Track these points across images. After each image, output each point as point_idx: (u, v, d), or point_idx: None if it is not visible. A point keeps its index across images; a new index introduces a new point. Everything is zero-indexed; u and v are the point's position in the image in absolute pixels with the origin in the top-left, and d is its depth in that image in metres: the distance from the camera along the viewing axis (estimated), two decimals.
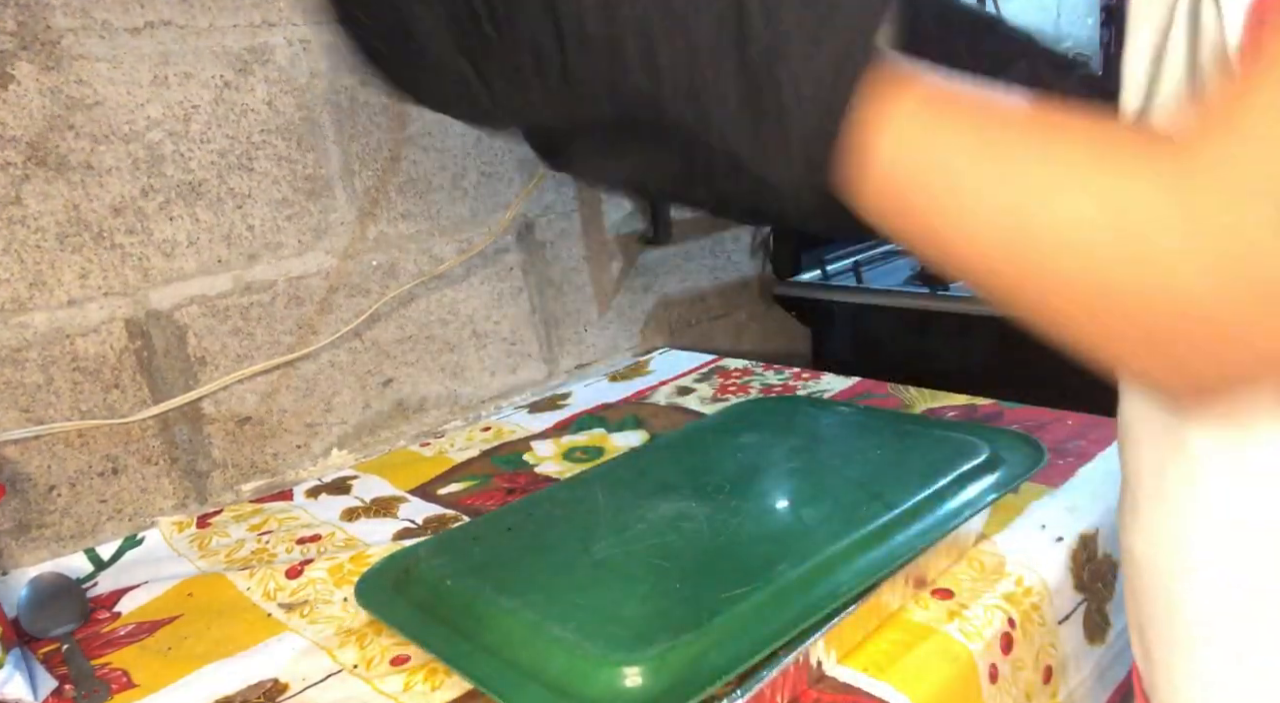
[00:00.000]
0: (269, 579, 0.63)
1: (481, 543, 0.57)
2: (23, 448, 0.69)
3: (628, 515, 0.57)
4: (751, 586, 0.47)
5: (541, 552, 0.56)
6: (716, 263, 1.18)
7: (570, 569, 0.52)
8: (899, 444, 0.63)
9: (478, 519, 0.64)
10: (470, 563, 0.54)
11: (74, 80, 0.68)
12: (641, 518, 0.57)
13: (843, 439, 0.67)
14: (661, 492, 0.60)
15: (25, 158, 0.67)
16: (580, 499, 0.62)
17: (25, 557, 0.70)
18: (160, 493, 0.76)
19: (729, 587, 0.47)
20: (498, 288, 0.96)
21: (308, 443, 0.84)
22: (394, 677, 0.51)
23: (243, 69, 0.76)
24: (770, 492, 0.60)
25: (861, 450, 0.63)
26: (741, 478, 0.61)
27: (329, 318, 0.83)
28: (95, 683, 0.54)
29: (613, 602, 0.48)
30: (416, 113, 0.87)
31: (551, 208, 0.99)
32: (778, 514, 0.57)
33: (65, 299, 0.69)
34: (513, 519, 0.61)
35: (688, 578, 0.49)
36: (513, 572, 0.53)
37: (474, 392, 0.95)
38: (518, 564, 0.54)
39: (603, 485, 0.63)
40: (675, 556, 0.52)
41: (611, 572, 0.51)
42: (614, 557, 0.52)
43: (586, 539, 0.55)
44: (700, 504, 0.57)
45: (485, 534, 0.59)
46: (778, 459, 0.64)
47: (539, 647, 0.45)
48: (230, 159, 0.76)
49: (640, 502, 0.59)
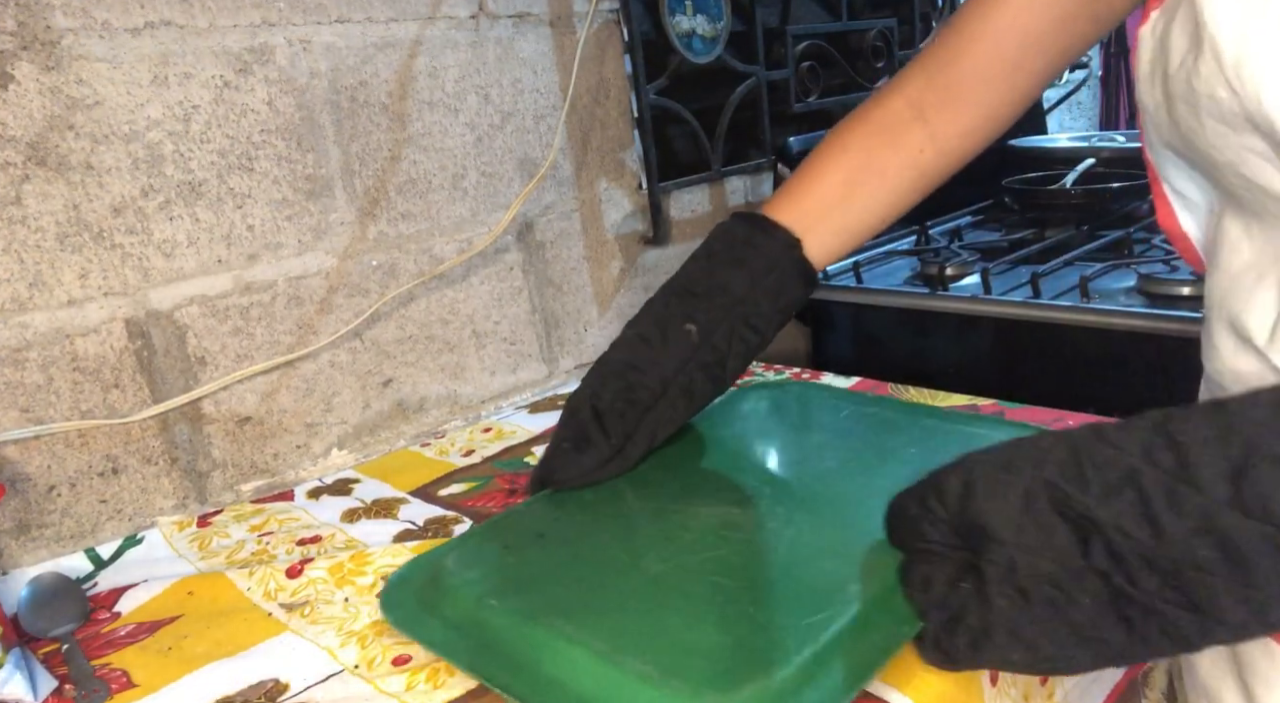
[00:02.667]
0: (269, 579, 0.63)
1: (514, 553, 0.54)
2: (23, 448, 0.69)
3: (669, 523, 0.54)
4: (830, 610, 0.44)
5: (585, 565, 0.51)
6: None
7: (625, 588, 0.48)
8: (929, 442, 0.60)
9: (498, 522, 0.59)
10: (509, 578, 0.51)
11: (74, 80, 0.68)
12: (684, 526, 0.53)
13: (868, 435, 0.64)
14: (695, 494, 0.57)
15: (25, 158, 0.67)
16: (608, 500, 0.58)
17: (25, 557, 0.70)
18: (160, 493, 0.76)
19: (805, 611, 0.44)
20: (498, 288, 0.96)
21: (308, 443, 0.84)
22: (395, 677, 0.51)
23: (243, 69, 0.76)
24: (814, 496, 0.57)
25: (893, 449, 0.60)
26: (776, 481, 0.59)
27: (329, 318, 0.83)
28: (95, 683, 0.54)
29: (685, 628, 0.44)
30: (416, 113, 0.87)
31: (551, 208, 0.99)
32: (829, 523, 0.53)
33: (65, 299, 0.69)
34: (540, 524, 0.57)
35: (755, 600, 0.46)
36: (559, 590, 0.49)
37: (474, 392, 0.95)
38: (562, 580, 0.50)
39: (630, 486, 0.60)
40: (734, 573, 0.48)
41: (671, 591, 0.47)
42: (668, 572, 0.49)
43: (632, 551, 0.51)
44: (743, 511, 0.55)
45: (515, 543, 0.55)
46: (807, 458, 0.61)
47: (618, 683, 0.41)
48: (230, 159, 0.76)
49: (676, 506, 0.56)
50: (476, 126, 0.91)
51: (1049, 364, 0.91)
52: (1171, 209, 0.47)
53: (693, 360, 0.59)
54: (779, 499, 0.56)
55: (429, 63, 0.87)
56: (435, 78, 0.88)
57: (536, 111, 0.96)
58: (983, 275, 0.98)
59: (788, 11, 1.23)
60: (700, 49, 1.08)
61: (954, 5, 1.50)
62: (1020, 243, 1.13)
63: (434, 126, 0.88)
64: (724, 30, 1.10)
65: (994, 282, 0.98)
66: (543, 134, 0.97)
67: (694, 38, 1.07)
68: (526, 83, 0.95)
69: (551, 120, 0.97)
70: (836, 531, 0.52)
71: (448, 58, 0.88)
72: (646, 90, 1.03)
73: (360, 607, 0.58)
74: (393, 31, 0.84)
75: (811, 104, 1.24)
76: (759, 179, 1.22)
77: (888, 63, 1.34)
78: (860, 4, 1.36)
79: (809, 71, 1.24)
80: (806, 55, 1.23)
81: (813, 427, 0.66)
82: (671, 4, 1.04)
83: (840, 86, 1.30)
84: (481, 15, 0.90)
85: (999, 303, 0.95)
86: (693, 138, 1.12)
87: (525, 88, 0.95)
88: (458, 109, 0.90)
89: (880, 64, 1.33)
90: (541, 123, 0.96)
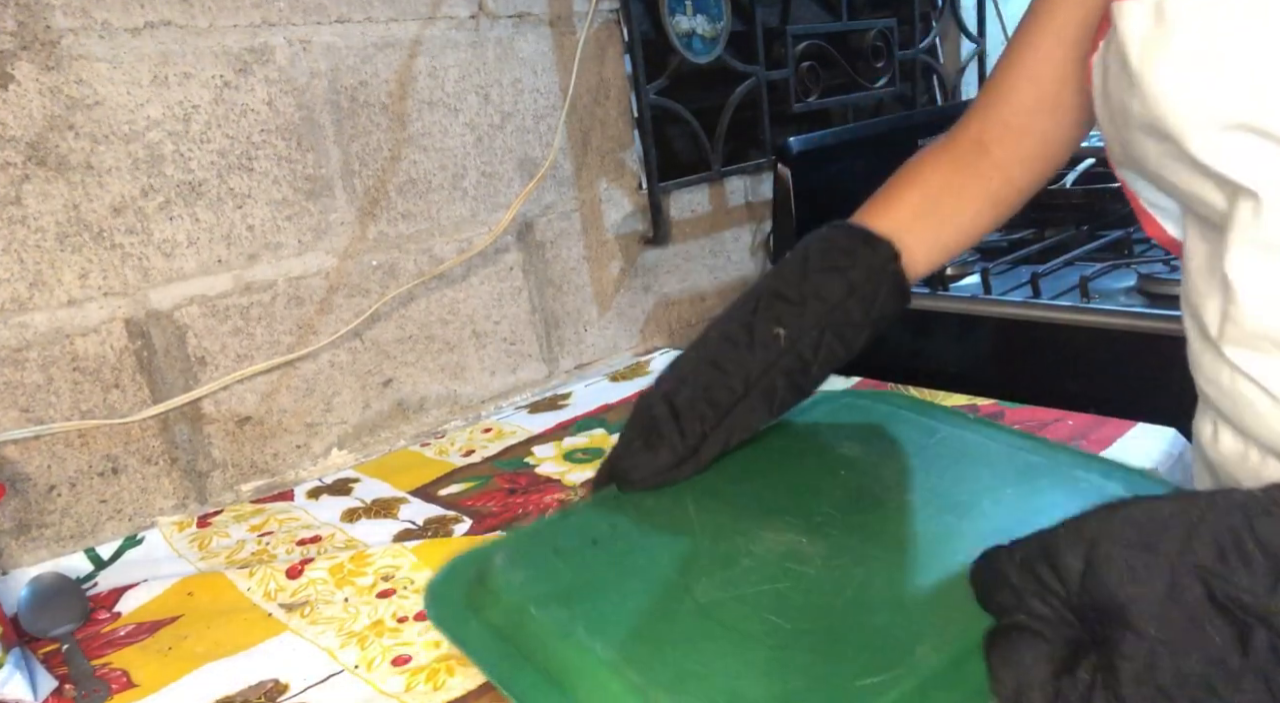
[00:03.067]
0: (269, 579, 0.63)
1: (564, 558, 0.51)
2: (23, 448, 0.69)
3: (729, 545, 0.50)
4: (892, 673, 0.39)
5: (634, 582, 0.48)
6: (716, 263, 1.19)
7: (673, 615, 0.45)
8: (1030, 484, 0.54)
9: (553, 521, 0.57)
10: (555, 587, 0.48)
11: (74, 80, 0.68)
12: (746, 551, 0.50)
13: (961, 466, 0.58)
14: (762, 515, 0.53)
15: (25, 158, 0.67)
16: (668, 510, 0.55)
17: (25, 557, 0.70)
18: (160, 493, 0.76)
19: (862, 669, 0.40)
20: (498, 288, 0.96)
21: (308, 443, 0.84)
22: (395, 677, 0.51)
23: (243, 69, 0.76)
24: (891, 534, 0.51)
25: (990, 488, 0.54)
26: (852, 509, 0.54)
27: (329, 318, 0.83)
28: (95, 683, 0.54)
29: (731, 672, 0.41)
30: (416, 113, 0.87)
31: (551, 208, 0.99)
32: (905, 567, 0.48)
33: (65, 299, 0.69)
34: (596, 529, 0.54)
35: (813, 648, 0.42)
36: (604, 607, 0.46)
37: (474, 392, 0.95)
38: (608, 596, 0.47)
39: (693, 496, 0.56)
40: (792, 613, 0.44)
41: (720, 625, 0.44)
42: (721, 603, 0.45)
43: (686, 572, 0.48)
44: (811, 541, 0.50)
45: (568, 546, 0.52)
46: (890, 487, 0.56)
47: None
48: (230, 159, 0.76)
49: (740, 526, 0.52)
50: (476, 126, 0.91)
51: (1049, 364, 0.91)
52: (1154, 219, 0.49)
53: (777, 365, 0.57)
54: (853, 531, 0.51)
55: (429, 63, 0.87)
56: (435, 78, 0.88)
57: (536, 111, 0.96)
58: (983, 275, 0.98)
59: (788, 11, 1.23)
60: (700, 49, 1.08)
61: (954, 5, 1.50)
62: (1020, 243, 1.13)
63: (434, 126, 0.88)
64: (724, 30, 1.10)
65: (994, 281, 0.98)
66: (543, 134, 0.97)
67: (694, 38, 1.07)
68: (526, 83, 0.95)
69: (551, 120, 0.97)
70: (912, 577, 0.48)
71: (448, 58, 0.88)
72: (646, 90, 1.03)
73: (360, 607, 0.58)
74: (393, 31, 0.84)
75: (811, 104, 1.24)
76: (759, 179, 1.22)
77: (888, 63, 1.34)
78: (860, 4, 1.36)
79: (809, 71, 1.24)
80: (806, 55, 1.23)
81: (901, 450, 0.62)
82: (671, 4, 1.04)
83: (840, 86, 1.30)
84: (481, 15, 0.90)
85: (999, 303, 0.95)
86: (693, 138, 1.12)
87: (525, 88, 0.95)
88: (458, 109, 0.90)
89: (880, 64, 1.33)
90: (541, 123, 0.96)
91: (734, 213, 1.20)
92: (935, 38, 1.46)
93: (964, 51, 1.55)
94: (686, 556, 0.50)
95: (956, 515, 0.52)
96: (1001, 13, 1.55)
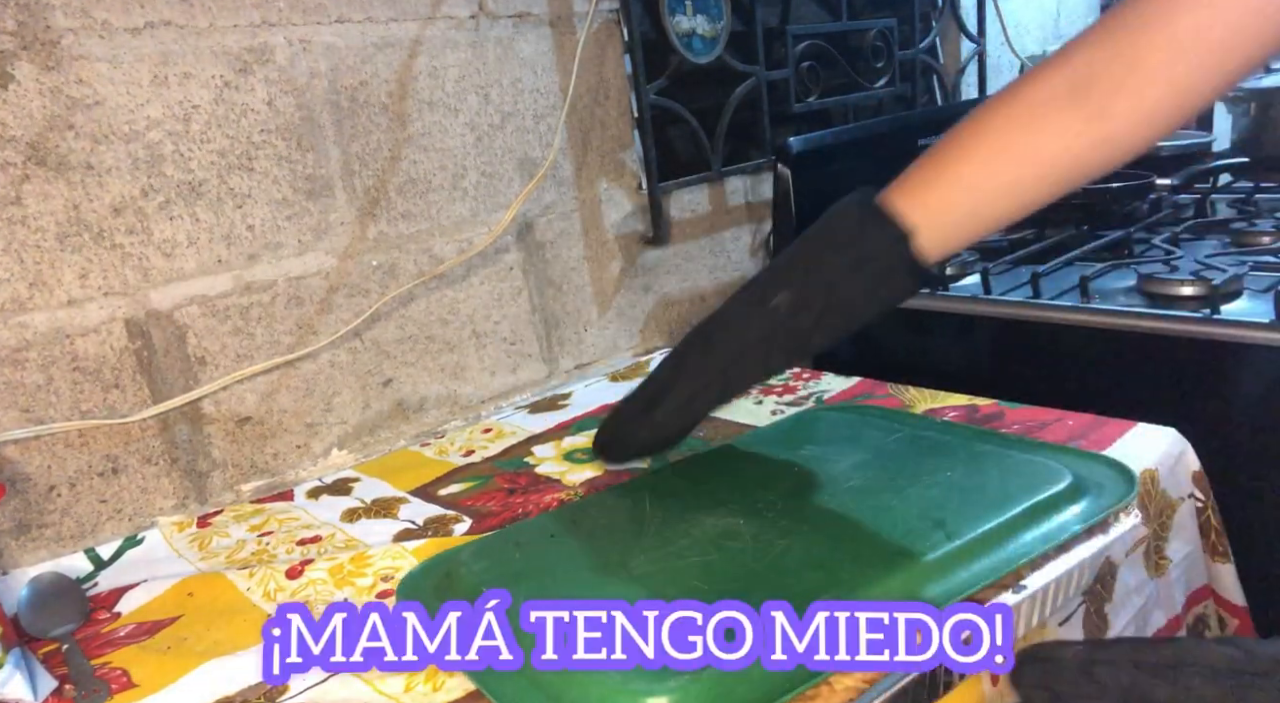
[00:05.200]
0: (269, 580, 0.63)
1: (523, 549, 0.57)
2: (23, 448, 0.69)
3: (673, 529, 0.56)
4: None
5: (579, 562, 0.55)
6: (716, 263, 1.19)
7: (603, 584, 0.51)
8: (972, 466, 0.59)
9: (526, 522, 0.64)
10: (508, 570, 0.54)
11: (74, 80, 0.68)
12: (686, 533, 0.55)
13: (911, 458, 0.63)
14: (711, 505, 0.58)
15: (25, 158, 0.67)
16: (628, 507, 0.61)
17: (25, 557, 0.70)
18: (160, 493, 0.76)
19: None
20: (498, 288, 0.96)
21: (308, 443, 0.84)
22: (395, 678, 0.51)
23: (243, 69, 0.76)
24: (822, 513, 0.57)
25: (930, 471, 0.59)
26: (795, 495, 0.59)
27: (329, 318, 0.83)
28: (95, 683, 0.54)
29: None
30: (416, 113, 0.87)
31: (551, 208, 0.99)
32: (825, 538, 0.53)
33: (65, 299, 0.69)
34: (558, 525, 0.60)
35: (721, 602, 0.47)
36: (546, 582, 0.52)
37: (474, 392, 0.95)
38: (553, 574, 0.53)
39: (653, 495, 0.62)
40: (715, 579, 0.49)
41: (646, 589, 0.49)
42: (651, 574, 0.51)
43: (626, 552, 0.54)
44: (748, 522, 0.55)
45: (529, 540, 0.58)
46: (837, 477, 0.61)
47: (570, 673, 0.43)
48: (230, 159, 0.76)
49: (688, 515, 0.58)
50: (476, 126, 0.91)
51: (1049, 364, 0.91)
52: None
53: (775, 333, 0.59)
54: (788, 514, 0.56)
55: (429, 63, 0.87)
56: (435, 78, 0.88)
57: (536, 111, 0.96)
58: (982, 275, 0.98)
59: (788, 11, 1.23)
60: (700, 49, 1.08)
61: (954, 5, 1.50)
62: (1020, 242, 1.13)
63: (434, 126, 0.88)
64: (724, 30, 1.10)
65: (994, 281, 0.97)
66: (543, 134, 0.97)
67: (694, 38, 1.07)
68: (526, 83, 0.95)
69: (551, 120, 0.97)
70: (836, 545, 0.52)
71: (448, 58, 0.88)
72: (646, 90, 1.03)
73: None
74: (393, 31, 0.84)
75: (812, 104, 1.24)
76: (759, 179, 1.22)
77: (888, 63, 1.34)
78: (860, 4, 1.36)
79: (809, 71, 1.23)
80: (806, 55, 1.23)
81: (859, 448, 0.65)
82: (671, 4, 1.04)
83: (840, 86, 1.30)
84: (481, 15, 0.90)
85: (999, 303, 0.95)
86: (693, 138, 1.12)
87: (525, 88, 0.95)
88: (458, 109, 0.90)
89: (880, 64, 1.33)
90: (541, 123, 0.96)
91: (734, 213, 1.20)
92: (935, 38, 1.46)
93: (964, 51, 1.55)
94: (631, 541, 0.56)
95: (893, 493, 0.57)
96: (1001, 13, 1.55)
